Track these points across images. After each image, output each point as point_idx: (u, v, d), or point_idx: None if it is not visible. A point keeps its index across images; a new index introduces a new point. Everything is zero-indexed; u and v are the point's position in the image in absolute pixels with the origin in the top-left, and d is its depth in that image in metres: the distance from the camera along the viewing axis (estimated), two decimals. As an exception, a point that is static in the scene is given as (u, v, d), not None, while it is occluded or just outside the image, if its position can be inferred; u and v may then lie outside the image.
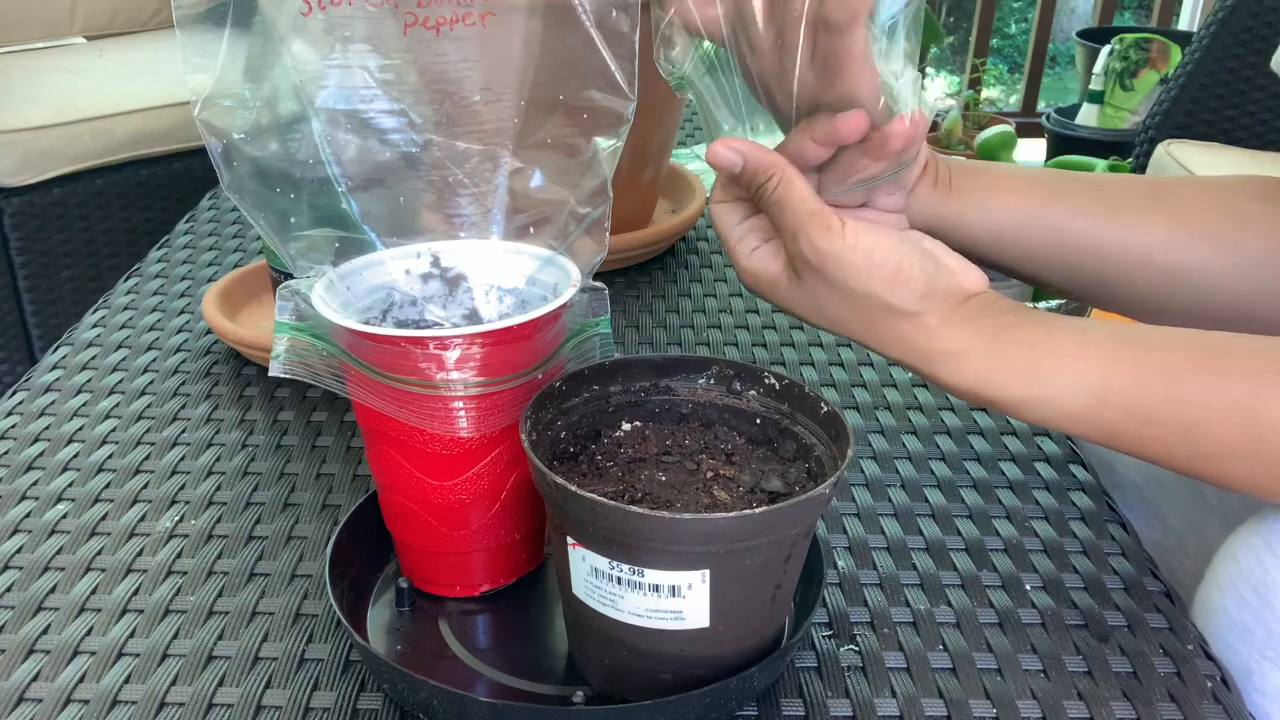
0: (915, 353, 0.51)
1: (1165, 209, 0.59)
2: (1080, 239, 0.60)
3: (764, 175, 0.51)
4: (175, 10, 0.47)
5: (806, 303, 0.52)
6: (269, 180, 0.50)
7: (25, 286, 1.84)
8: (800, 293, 0.52)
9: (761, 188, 0.51)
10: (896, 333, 0.51)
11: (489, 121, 0.52)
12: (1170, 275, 0.59)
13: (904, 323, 0.50)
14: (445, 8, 0.49)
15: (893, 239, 0.50)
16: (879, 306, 0.50)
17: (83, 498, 0.62)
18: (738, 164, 0.51)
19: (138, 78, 1.98)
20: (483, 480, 0.50)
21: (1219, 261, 0.58)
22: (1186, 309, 0.60)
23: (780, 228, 0.51)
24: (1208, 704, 0.49)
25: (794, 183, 0.50)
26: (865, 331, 0.52)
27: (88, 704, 0.48)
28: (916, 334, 0.50)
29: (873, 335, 0.52)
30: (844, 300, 0.51)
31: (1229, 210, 0.59)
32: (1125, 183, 0.62)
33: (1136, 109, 2.76)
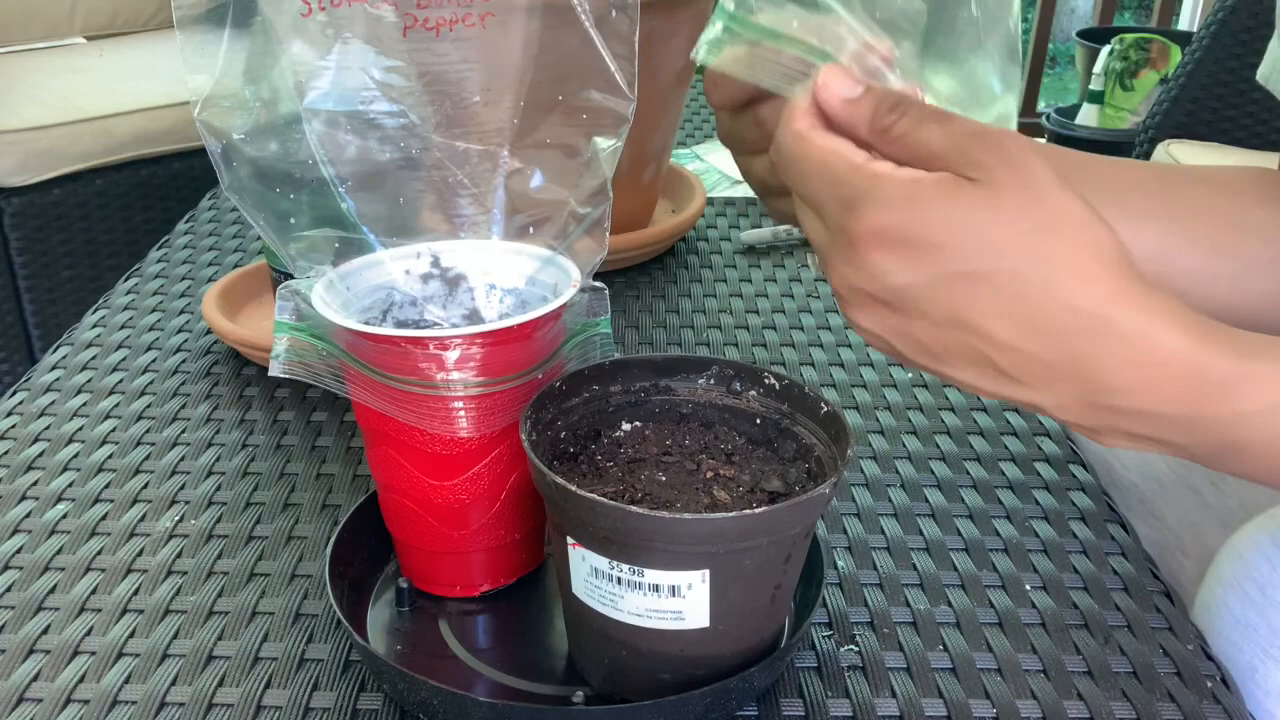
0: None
1: (1167, 210, 0.58)
2: None
3: (889, 104, 0.41)
4: (175, 10, 0.47)
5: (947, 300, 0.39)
6: (269, 180, 0.50)
7: (25, 286, 1.84)
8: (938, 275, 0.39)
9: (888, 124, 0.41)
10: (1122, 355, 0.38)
11: (489, 122, 0.52)
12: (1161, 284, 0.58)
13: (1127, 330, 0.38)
14: (445, 9, 0.49)
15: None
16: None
17: (83, 498, 0.62)
18: (857, 90, 0.42)
19: (138, 78, 1.98)
20: (483, 480, 0.50)
21: (1214, 269, 0.57)
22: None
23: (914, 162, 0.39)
24: (1208, 704, 0.49)
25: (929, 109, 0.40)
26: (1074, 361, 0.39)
27: (88, 704, 0.48)
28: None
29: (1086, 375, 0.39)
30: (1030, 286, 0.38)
31: (1234, 214, 0.58)
32: (1133, 178, 0.59)
33: (1136, 109, 2.76)
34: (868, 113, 0.41)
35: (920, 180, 0.38)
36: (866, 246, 0.39)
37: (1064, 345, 0.38)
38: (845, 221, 0.39)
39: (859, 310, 0.41)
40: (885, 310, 0.40)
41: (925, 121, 0.39)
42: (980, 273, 0.38)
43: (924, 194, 0.38)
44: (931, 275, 0.38)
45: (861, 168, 0.39)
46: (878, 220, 0.38)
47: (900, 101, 0.40)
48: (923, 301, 0.39)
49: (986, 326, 0.38)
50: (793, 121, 0.42)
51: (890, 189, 0.39)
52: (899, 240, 0.38)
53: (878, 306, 0.40)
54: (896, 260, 0.39)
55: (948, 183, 0.38)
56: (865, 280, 0.40)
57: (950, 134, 0.39)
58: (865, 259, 0.39)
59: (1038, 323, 0.38)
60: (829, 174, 0.40)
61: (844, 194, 0.39)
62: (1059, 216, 0.38)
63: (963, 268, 0.38)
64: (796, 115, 0.42)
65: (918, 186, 0.38)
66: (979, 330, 0.39)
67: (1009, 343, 0.38)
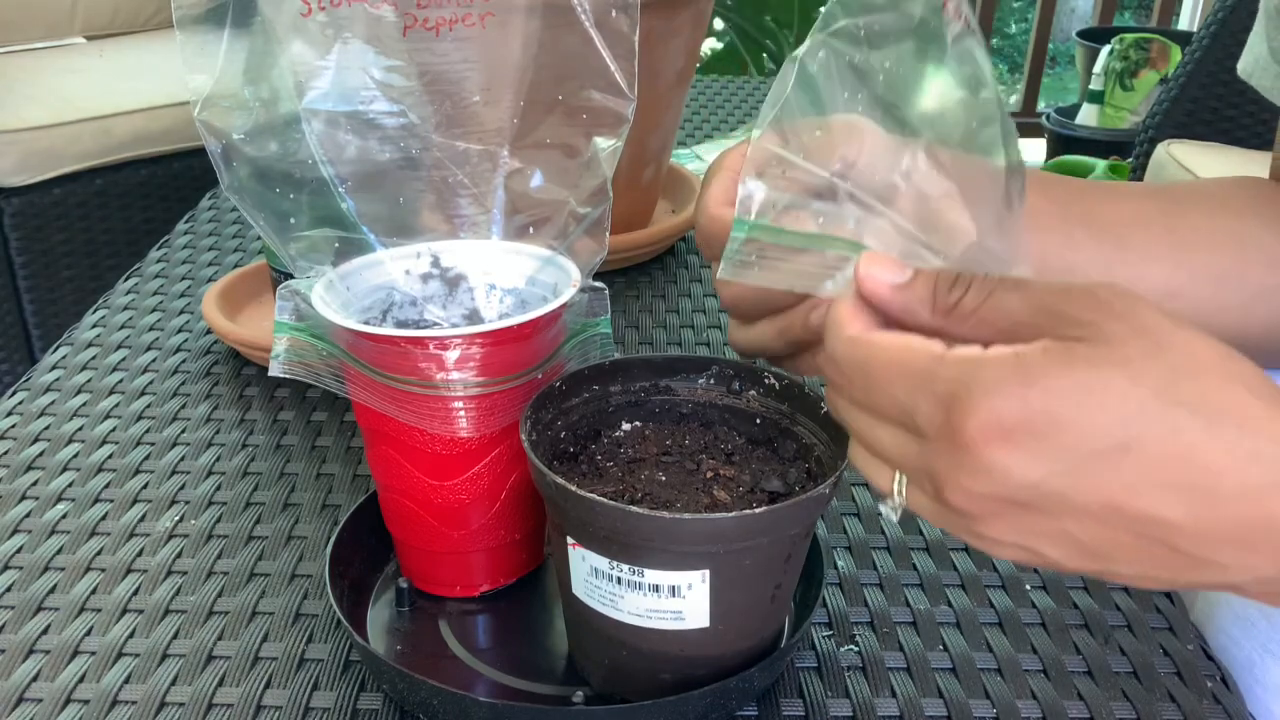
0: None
1: (1172, 243, 0.55)
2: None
3: (948, 280, 0.36)
4: (175, 10, 0.47)
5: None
6: (269, 180, 0.50)
7: (25, 286, 1.84)
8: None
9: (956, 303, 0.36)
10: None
11: (489, 122, 0.52)
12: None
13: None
14: (445, 9, 0.49)
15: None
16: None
17: (83, 498, 0.62)
18: (906, 272, 0.37)
19: (138, 78, 1.98)
20: (483, 480, 0.50)
21: (1221, 300, 0.55)
22: None
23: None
24: (1208, 704, 0.49)
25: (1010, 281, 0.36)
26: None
27: (88, 704, 0.48)
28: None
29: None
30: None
31: (1240, 240, 0.56)
32: (1136, 212, 0.56)
33: (1136, 109, 2.76)
34: (926, 294, 0.36)
35: (1025, 354, 0.33)
36: (985, 444, 0.32)
37: (1252, 505, 0.32)
38: (949, 422, 0.33)
39: (993, 522, 0.34)
40: (1025, 514, 0.33)
41: (997, 290, 0.35)
42: (1128, 444, 0.32)
43: (1036, 368, 0.32)
44: (1072, 460, 0.32)
45: (948, 356, 0.34)
46: (992, 410, 0.32)
47: (960, 275, 0.36)
48: (1069, 493, 0.32)
49: (1153, 507, 0.32)
50: (845, 326, 0.37)
51: (995, 372, 0.33)
52: (1023, 427, 0.32)
53: (1014, 511, 0.34)
54: (1026, 452, 0.32)
55: (1056, 350, 0.33)
56: (993, 484, 0.33)
57: (1032, 297, 0.34)
58: (987, 459, 0.33)
59: (1213, 486, 0.32)
60: (911, 373, 0.35)
61: (938, 391, 0.34)
62: (1193, 357, 0.33)
63: (1107, 442, 0.32)
64: (846, 318, 0.37)
65: (1025, 361, 0.33)
66: (1146, 514, 0.32)
67: (1185, 520, 0.32)
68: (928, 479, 0.35)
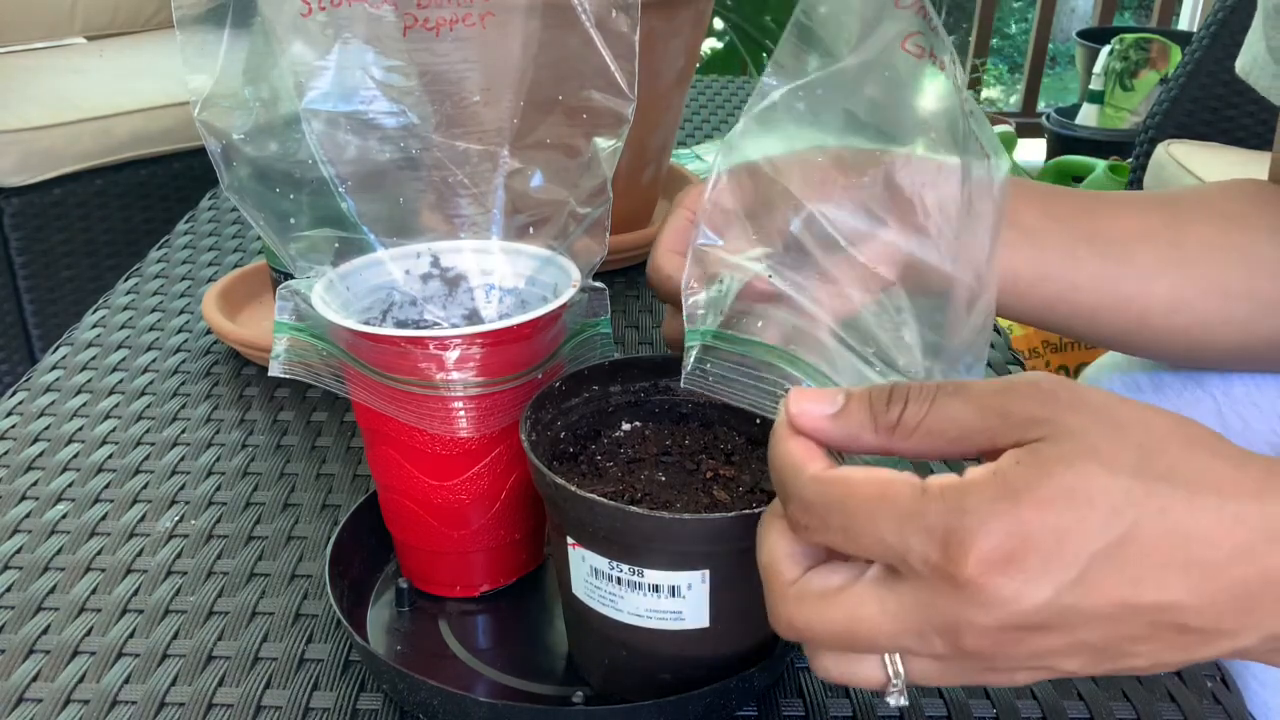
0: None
1: (1179, 258, 0.55)
2: (1083, 307, 0.56)
3: (883, 396, 0.35)
4: (175, 10, 0.47)
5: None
6: (269, 180, 0.50)
7: (25, 286, 1.84)
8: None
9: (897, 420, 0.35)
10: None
11: (489, 122, 0.52)
12: (1172, 334, 0.57)
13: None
14: (445, 9, 0.49)
15: None
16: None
17: (83, 498, 0.62)
18: (837, 399, 0.36)
19: (138, 78, 1.98)
20: (482, 480, 0.50)
21: (1227, 313, 0.55)
22: (1188, 355, 0.60)
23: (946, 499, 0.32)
24: (1208, 704, 0.49)
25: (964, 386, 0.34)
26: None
27: (88, 704, 0.48)
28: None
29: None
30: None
31: (1245, 253, 0.56)
32: (1142, 226, 0.55)
33: (1136, 109, 2.76)
34: (865, 416, 0.35)
35: (1003, 471, 0.32)
36: (991, 575, 0.31)
37: (1247, 566, 0.32)
38: (949, 560, 0.32)
39: (1009, 654, 0.33)
40: (1039, 636, 0.32)
41: (938, 399, 0.34)
42: (1124, 535, 0.31)
43: (1019, 483, 0.31)
44: (1077, 567, 0.31)
45: (930, 489, 0.33)
46: (989, 539, 0.31)
47: (894, 389, 0.35)
48: (1081, 603, 0.32)
49: (1159, 593, 0.32)
50: (805, 466, 0.35)
51: (981, 499, 0.32)
52: (1023, 548, 0.31)
53: (1029, 637, 0.32)
54: (1032, 573, 0.31)
55: (1029, 459, 0.32)
56: (1006, 615, 0.32)
57: (977, 401, 0.34)
58: (993, 591, 0.31)
59: (1209, 557, 0.31)
60: (896, 513, 0.33)
61: (930, 527, 0.32)
62: (1152, 431, 0.33)
63: (1106, 539, 0.31)
64: (803, 456, 0.35)
65: (1007, 480, 0.32)
66: (1153, 603, 0.32)
67: (1190, 598, 0.32)
68: (936, 634, 0.33)
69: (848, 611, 0.34)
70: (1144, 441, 0.32)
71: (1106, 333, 0.59)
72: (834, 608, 0.34)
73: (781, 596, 0.35)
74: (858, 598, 0.34)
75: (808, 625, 0.35)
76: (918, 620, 0.33)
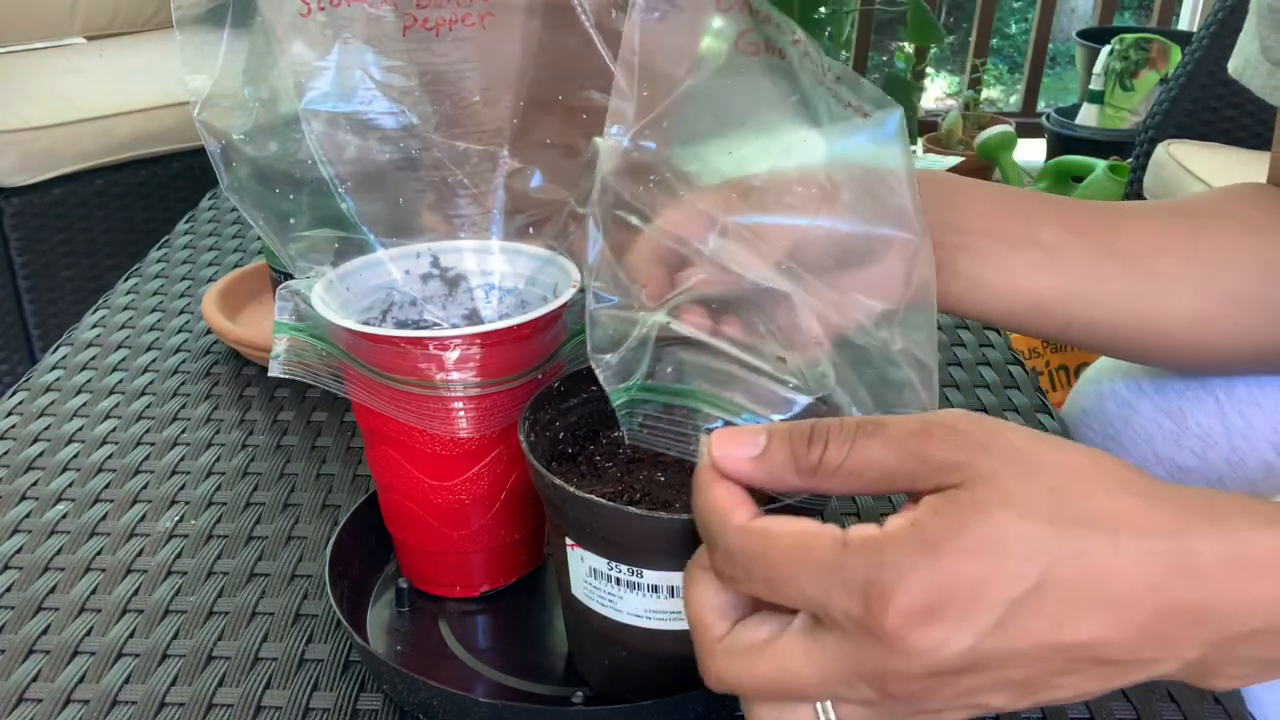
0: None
1: (1200, 273, 0.55)
2: (1103, 324, 0.55)
3: (803, 437, 0.35)
4: (175, 10, 0.47)
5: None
6: (268, 180, 0.50)
7: (25, 286, 1.84)
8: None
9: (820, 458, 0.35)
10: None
11: (488, 122, 0.52)
12: (1193, 347, 0.57)
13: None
14: (445, 9, 0.49)
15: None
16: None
17: (83, 498, 0.62)
18: (759, 440, 0.36)
19: (138, 78, 1.98)
20: (482, 480, 0.50)
21: (1246, 322, 0.56)
22: (1205, 367, 0.61)
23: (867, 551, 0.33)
24: (1208, 704, 0.49)
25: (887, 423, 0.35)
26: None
27: (88, 704, 0.48)
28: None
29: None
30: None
31: (1264, 262, 0.55)
32: (1162, 238, 0.55)
33: (1136, 109, 2.76)
34: (786, 457, 0.36)
35: (920, 522, 0.32)
36: (911, 628, 0.32)
37: (1160, 600, 0.32)
38: (869, 613, 0.32)
39: (936, 695, 0.33)
40: (964, 677, 0.33)
41: (858, 440, 0.35)
42: (1041, 581, 0.32)
43: (936, 534, 0.32)
44: (996, 614, 0.32)
45: (850, 542, 0.33)
46: (908, 593, 0.32)
47: (814, 427, 0.35)
48: (1002, 645, 0.32)
49: (1079, 633, 0.32)
50: (730, 515, 0.35)
51: (900, 552, 0.32)
52: (942, 600, 0.32)
53: (954, 679, 0.33)
54: (952, 623, 0.32)
55: (946, 508, 0.32)
56: (926, 664, 0.32)
57: (895, 443, 0.34)
58: (915, 643, 0.32)
59: (1125, 594, 0.32)
60: (817, 566, 0.33)
61: (850, 581, 0.32)
62: (1068, 472, 0.33)
63: (1023, 586, 0.32)
64: (728, 504, 0.36)
65: (925, 532, 0.32)
66: (1074, 642, 0.32)
67: (1110, 634, 0.32)
68: (862, 682, 0.33)
69: (775, 664, 0.34)
70: (1057, 484, 0.33)
71: (1125, 348, 0.59)
72: (761, 662, 0.34)
73: (710, 652, 0.36)
74: (784, 650, 0.34)
75: (737, 680, 0.35)
76: (843, 669, 0.33)
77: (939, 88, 4.24)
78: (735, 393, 0.40)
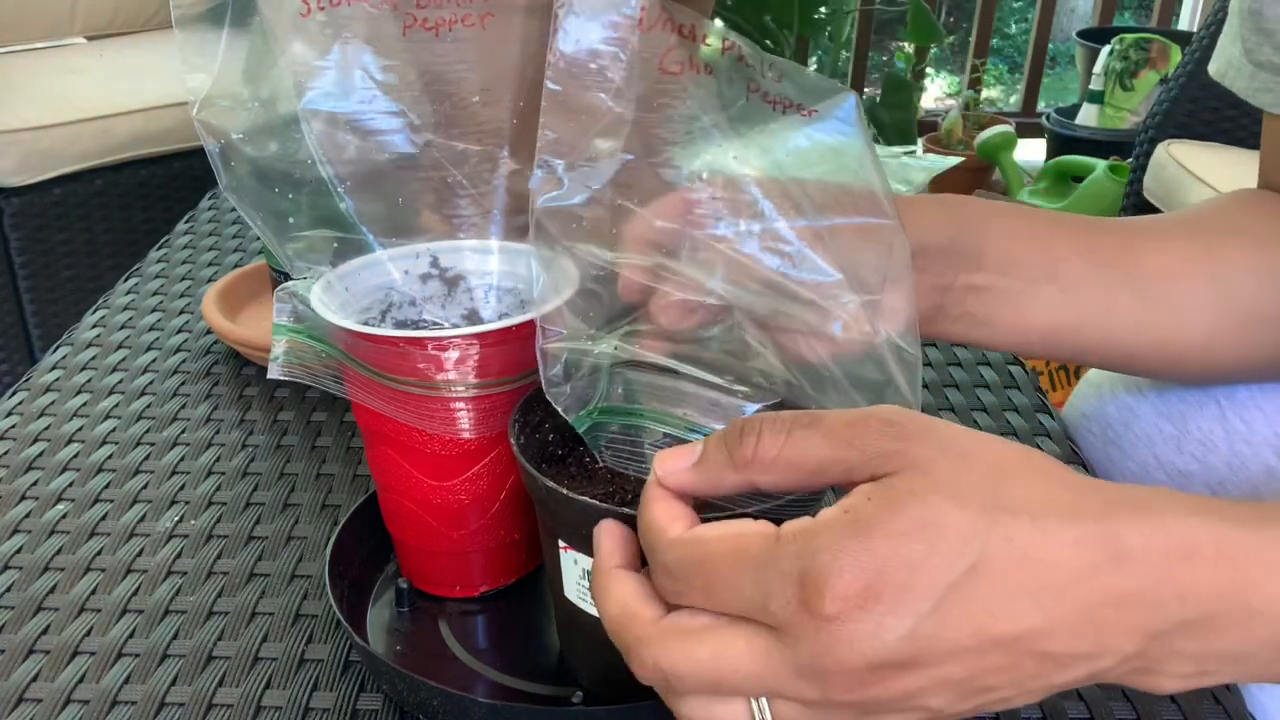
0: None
1: (1217, 298, 0.54)
2: (1118, 349, 0.55)
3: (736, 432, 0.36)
4: (174, 9, 0.47)
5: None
6: (267, 180, 0.50)
7: (25, 286, 1.84)
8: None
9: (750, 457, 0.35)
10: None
11: (488, 122, 0.52)
12: (1207, 367, 0.57)
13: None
14: (445, 9, 0.49)
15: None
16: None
17: (83, 498, 0.62)
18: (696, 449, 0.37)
19: (138, 78, 1.98)
20: (482, 481, 0.50)
21: (1258, 341, 0.55)
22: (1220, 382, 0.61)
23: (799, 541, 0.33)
24: (1208, 704, 0.49)
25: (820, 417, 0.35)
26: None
27: (88, 704, 0.48)
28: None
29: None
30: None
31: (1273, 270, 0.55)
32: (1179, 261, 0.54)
33: (1136, 109, 2.76)
34: (722, 456, 0.36)
35: (854, 508, 0.33)
36: (848, 612, 0.31)
37: (1091, 588, 0.32)
38: (806, 603, 0.32)
39: (878, 696, 0.33)
40: (906, 674, 0.32)
41: (794, 431, 0.35)
42: (974, 565, 0.32)
43: (869, 518, 0.32)
44: (933, 598, 0.32)
45: (783, 534, 0.33)
46: (843, 576, 0.31)
47: (745, 422, 0.35)
48: (941, 632, 0.32)
49: (1014, 621, 0.32)
50: (665, 530, 0.36)
51: (833, 537, 0.32)
52: (878, 582, 0.31)
53: (895, 676, 0.32)
54: (889, 606, 0.31)
55: (879, 494, 0.33)
56: (867, 653, 0.32)
57: (830, 433, 0.34)
58: (853, 628, 0.31)
59: (1056, 580, 0.32)
60: (752, 562, 0.33)
61: (785, 571, 0.32)
62: (998, 461, 0.34)
63: (958, 569, 0.32)
64: (663, 521, 0.36)
65: (858, 516, 0.32)
66: (1010, 632, 0.32)
67: (1043, 623, 0.32)
68: (804, 679, 0.33)
69: (714, 649, 0.34)
70: (990, 472, 0.33)
71: (1141, 369, 0.60)
72: (701, 645, 0.34)
73: (643, 637, 0.35)
74: (726, 637, 0.34)
75: (674, 665, 0.34)
76: (785, 664, 0.33)
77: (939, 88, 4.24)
78: (685, 408, 0.41)
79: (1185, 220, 0.58)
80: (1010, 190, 2.69)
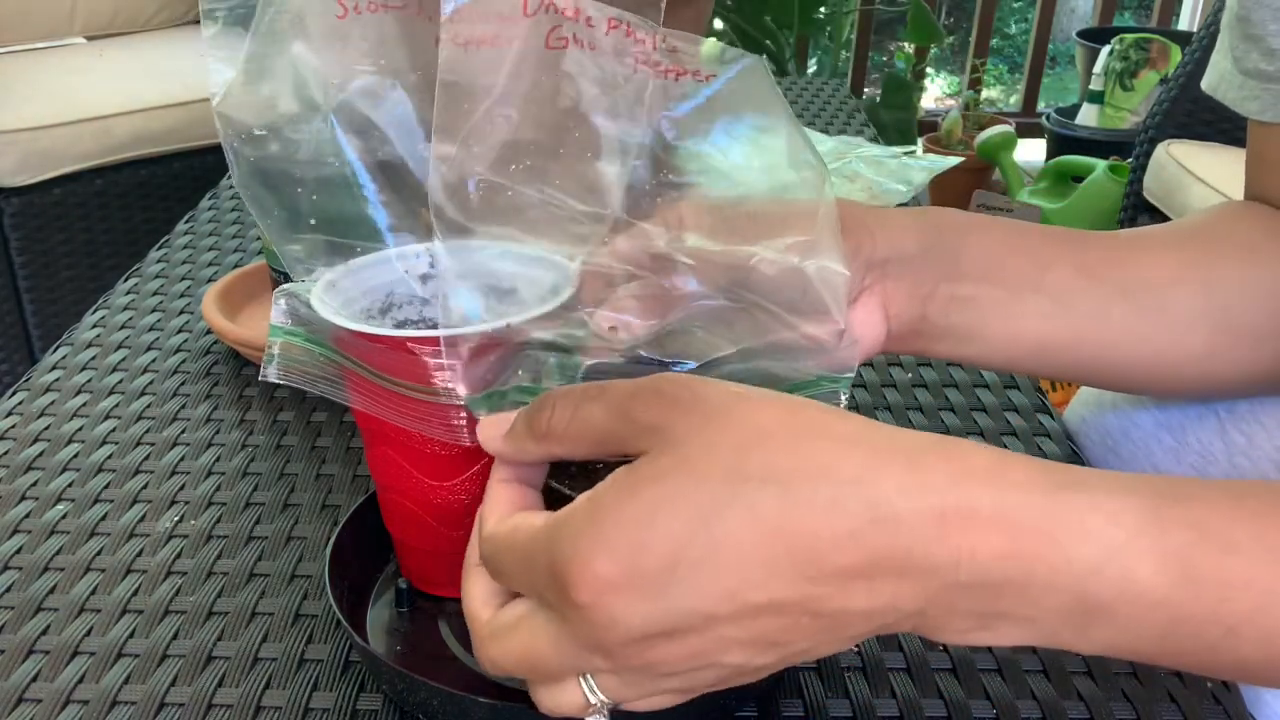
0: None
1: (1211, 305, 0.53)
2: (1111, 364, 0.54)
3: (536, 406, 0.38)
4: (202, 3, 0.47)
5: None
6: (281, 179, 0.50)
7: (25, 286, 1.84)
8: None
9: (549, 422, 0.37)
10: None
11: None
12: (1205, 381, 0.56)
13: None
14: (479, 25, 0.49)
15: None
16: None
17: (82, 498, 0.62)
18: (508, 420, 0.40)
19: (138, 78, 1.98)
20: (481, 480, 0.50)
21: (1254, 356, 0.54)
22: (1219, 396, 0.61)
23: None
24: (1208, 705, 0.49)
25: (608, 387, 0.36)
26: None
27: (88, 704, 0.48)
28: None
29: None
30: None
31: (1274, 294, 0.54)
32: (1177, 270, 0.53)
33: (1136, 109, 2.76)
34: (524, 427, 0.38)
35: (597, 497, 0.33)
36: (597, 598, 0.32)
37: (852, 552, 0.32)
38: (563, 594, 0.33)
39: (664, 659, 0.33)
40: (682, 639, 0.33)
41: (582, 404, 0.36)
42: (717, 539, 0.31)
43: (606, 505, 0.33)
44: (675, 575, 0.32)
45: (541, 526, 0.34)
46: (585, 566, 0.32)
47: (546, 395, 0.37)
48: (698, 604, 0.32)
49: (773, 592, 0.32)
50: (485, 523, 0.39)
51: (575, 526, 0.33)
52: (619, 566, 0.32)
53: (667, 643, 0.33)
54: (634, 588, 0.32)
55: (622, 478, 0.33)
56: (625, 632, 0.32)
57: (610, 404, 0.35)
58: (607, 612, 0.32)
59: (810, 548, 0.31)
60: (522, 555, 0.35)
61: (542, 565, 0.33)
62: (757, 428, 0.33)
63: (699, 545, 0.32)
64: (487, 512, 0.39)
65: (597, 503, 0.33)
66: (779, 600, 0.32)
67: (803, 592, 0.32)
68: (591, 653, 0.34)
69: (522, 642, 0.36)
70: (744, 440, 0.33)
71: (1138, 385, 0.59)
72: (512, 640, 0.36)
73: (478, 637, 0.38)
74: (529, 629, 0.36)
75: (503, 660, 0.37)
76: (572, 645, 0.34)
77: (939, 88, 4.24)
78: (551, 381, 0.42)
79: (1174, 232, 0.57)
80: (1010, 190, 2.69)
